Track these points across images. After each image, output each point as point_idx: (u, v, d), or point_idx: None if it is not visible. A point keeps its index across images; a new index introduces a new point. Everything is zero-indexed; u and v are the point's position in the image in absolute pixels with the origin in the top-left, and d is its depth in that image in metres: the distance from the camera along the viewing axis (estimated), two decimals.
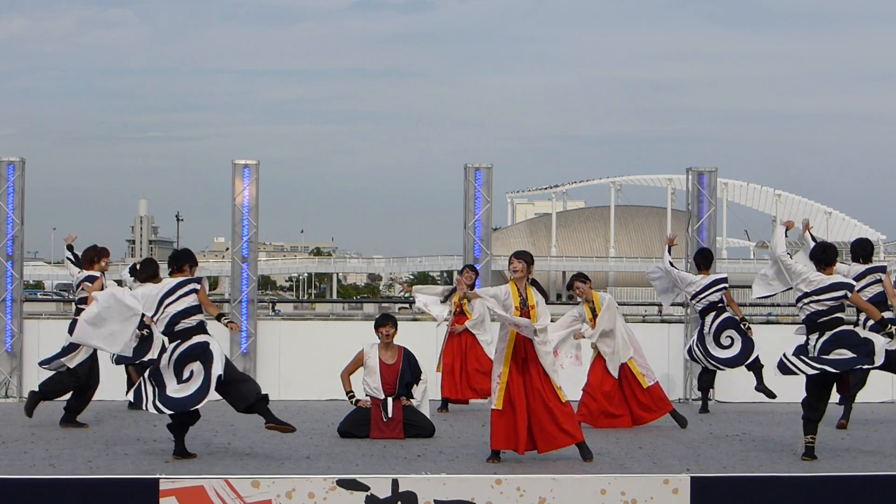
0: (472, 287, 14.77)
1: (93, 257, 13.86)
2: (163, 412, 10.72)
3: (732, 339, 14.92)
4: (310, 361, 16.29)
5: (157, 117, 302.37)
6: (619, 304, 14.07)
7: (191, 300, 10.85)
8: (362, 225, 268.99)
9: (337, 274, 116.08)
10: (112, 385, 15.87)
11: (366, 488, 8.86)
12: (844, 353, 10.92)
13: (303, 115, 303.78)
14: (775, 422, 14.39)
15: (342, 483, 8.86)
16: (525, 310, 10.71)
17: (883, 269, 13.22)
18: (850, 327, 11.21)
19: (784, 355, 11.11)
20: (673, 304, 16.00)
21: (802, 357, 11.01)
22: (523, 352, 10.75)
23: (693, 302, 15.14)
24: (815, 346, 11.04)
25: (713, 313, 14.91)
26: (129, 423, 13.36)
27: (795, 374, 10.97)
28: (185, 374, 10.73)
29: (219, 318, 11.07)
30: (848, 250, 13.88)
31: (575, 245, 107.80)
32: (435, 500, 8.89)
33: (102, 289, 11.41)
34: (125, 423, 13.50)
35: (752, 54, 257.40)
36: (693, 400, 16.39)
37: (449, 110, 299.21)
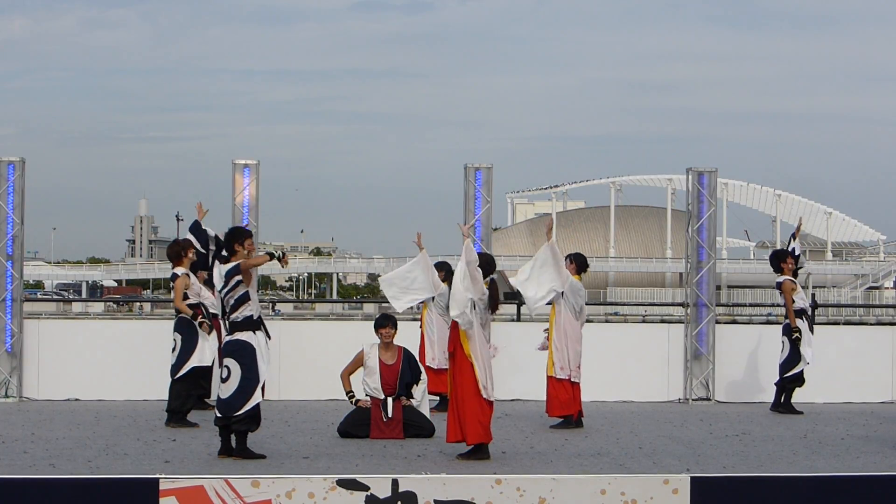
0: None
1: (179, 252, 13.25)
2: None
3: (783, 344, 15.28)
4: (310, 361, 16.26)
5: (157, 117, 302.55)
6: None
7: (240, 291, 10.74)
8: (362, 225, 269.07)
9: (337, 274, 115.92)
10: (112, 385, 15.88)
11: (366, 488, 8.86)
12: None
13: (303, 115, 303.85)
14: (775, 422, 14.39)
15: (342, 483, 8.86)
16: None
17: None
18: None
19: None
20: (672, 304, 16.11)
21: None
22: None
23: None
24: None
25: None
26: (129, 423, 13.35)
27: None
28: (224, 372, 10.81)
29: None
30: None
31: (575, 245, 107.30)
32: (435, 500, 8.89)
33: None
34: (125, 423, 13.49)
35: (752, 54, 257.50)
36: (693, 400, 16.37)
37: (449, 110, 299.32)
